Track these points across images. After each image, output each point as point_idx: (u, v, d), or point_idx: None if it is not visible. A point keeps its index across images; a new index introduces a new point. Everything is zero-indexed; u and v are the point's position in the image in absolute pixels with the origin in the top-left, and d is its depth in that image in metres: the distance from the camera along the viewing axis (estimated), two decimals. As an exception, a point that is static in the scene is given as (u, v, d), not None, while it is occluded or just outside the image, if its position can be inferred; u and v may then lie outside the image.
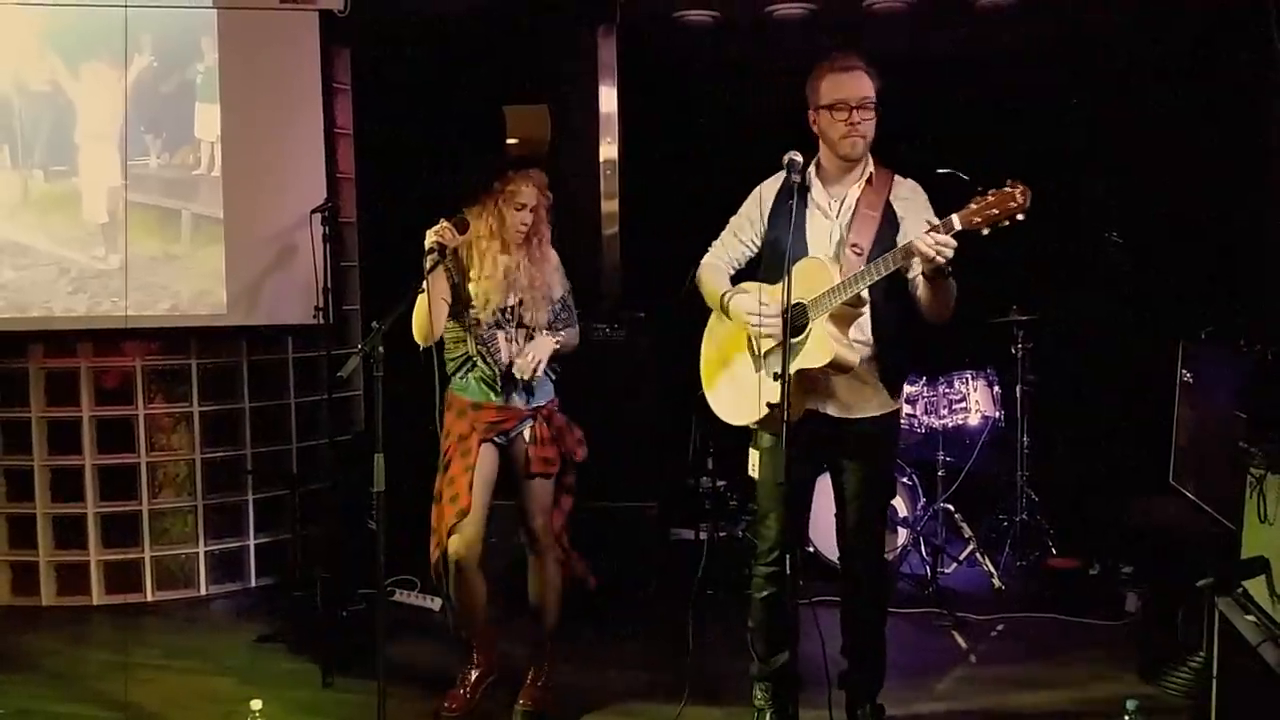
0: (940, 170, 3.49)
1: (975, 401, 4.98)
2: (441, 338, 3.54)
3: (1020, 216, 2.68)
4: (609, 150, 5.60)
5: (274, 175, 5.00)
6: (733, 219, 3.37)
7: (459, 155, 5.16)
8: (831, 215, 3.17)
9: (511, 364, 3.51)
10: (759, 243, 3.30)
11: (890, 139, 3.21)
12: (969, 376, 5.01)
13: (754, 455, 3.30)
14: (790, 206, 3.04)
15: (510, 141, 5.40)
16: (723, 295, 3.24)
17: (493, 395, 3.55)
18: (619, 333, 4.81)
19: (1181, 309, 4.91)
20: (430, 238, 3.31)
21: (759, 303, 3.10)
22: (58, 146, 4.89)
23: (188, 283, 4.96)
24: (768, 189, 3.30)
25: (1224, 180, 5.12)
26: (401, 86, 5.50)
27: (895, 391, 3.26)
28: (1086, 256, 5.31)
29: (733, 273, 3.34)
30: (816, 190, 3.18)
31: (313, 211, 4.73)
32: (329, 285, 4.68)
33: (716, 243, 3.39)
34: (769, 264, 3.22)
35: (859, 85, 3.10)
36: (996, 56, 5.53)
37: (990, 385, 5.04)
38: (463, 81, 5.49)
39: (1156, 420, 4.68)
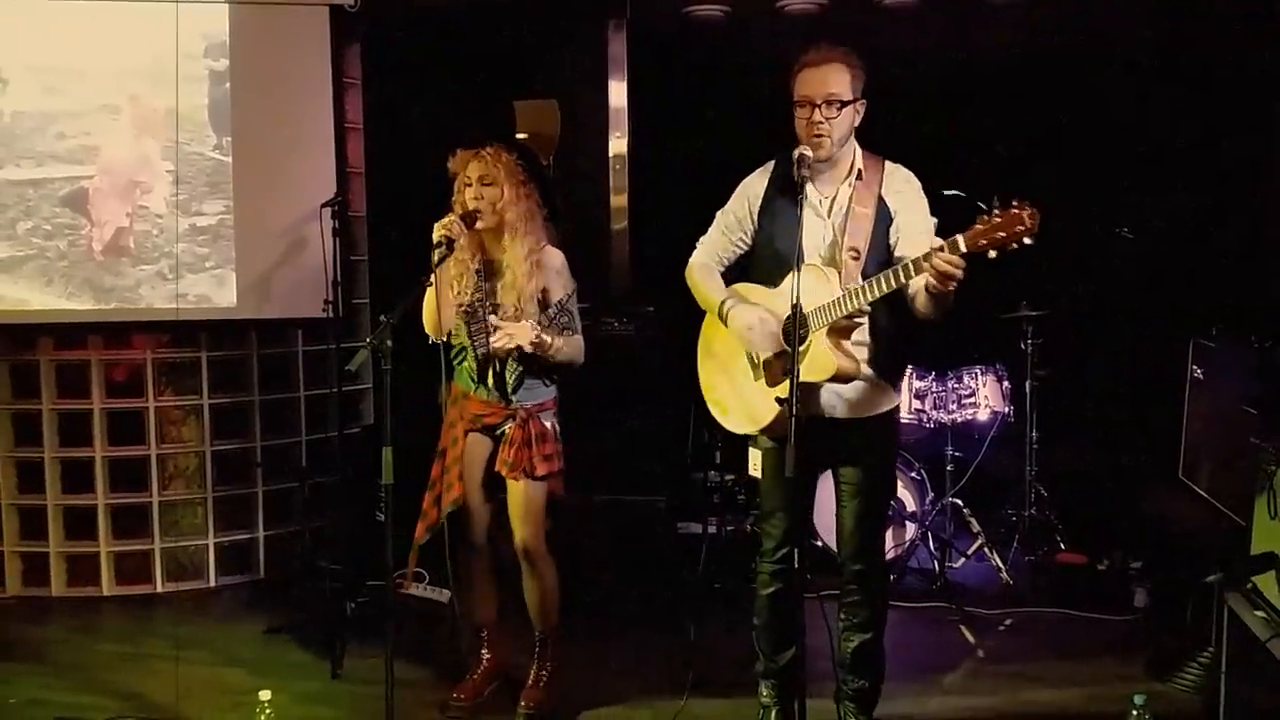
0: (946, 192, 3.43)
1: (984, 396, 4.98)
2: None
3: (1028, 240, 2.50)
4: (619, 145, 5.60)
5: (284, 169, 5.01)
6: (720, 215, 3.24)
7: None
8: (823, 214, 3.04)
9: (490, 355, 3.44)
10: (749, 241, 3.19)
11: (900, 132, 3.18)
12: (978, 371, 5.01)
13: (754, 455, 3.26)
14: (782, 203, 2.98)
15: (520, 136, 5.40)
16: (721, 303, 3.11)
17: (474, 387, 3.54)
18: (628, 327, 4.81)
19: (1192, 305, 4.90)
20: (438, 231, 3.30)
21: (759, 318, 2.99)
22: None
23: (197, 276, 4.98)
24: (753, 185, 3.17)
25: (1235, 175, 5.10)
26: (411, 81, 5.51)
27: (896, 387, 3.14)
28: (1097, 251, 5.30)
29: (723, 270, 3.24)
30: (808, 187, 2.98)
31: (322, 205, 4.74)
32: (338, 279, 4.71)
33: (705, 239, 3.27)
34: (764, 264, 3.12)
35: (826, 81, 2.91)
36: (1006, 51, 5.51)
37: (999, 380, 5.03)
38: (472, 76, 5.50)
39: (1166, 416, 4.68)
